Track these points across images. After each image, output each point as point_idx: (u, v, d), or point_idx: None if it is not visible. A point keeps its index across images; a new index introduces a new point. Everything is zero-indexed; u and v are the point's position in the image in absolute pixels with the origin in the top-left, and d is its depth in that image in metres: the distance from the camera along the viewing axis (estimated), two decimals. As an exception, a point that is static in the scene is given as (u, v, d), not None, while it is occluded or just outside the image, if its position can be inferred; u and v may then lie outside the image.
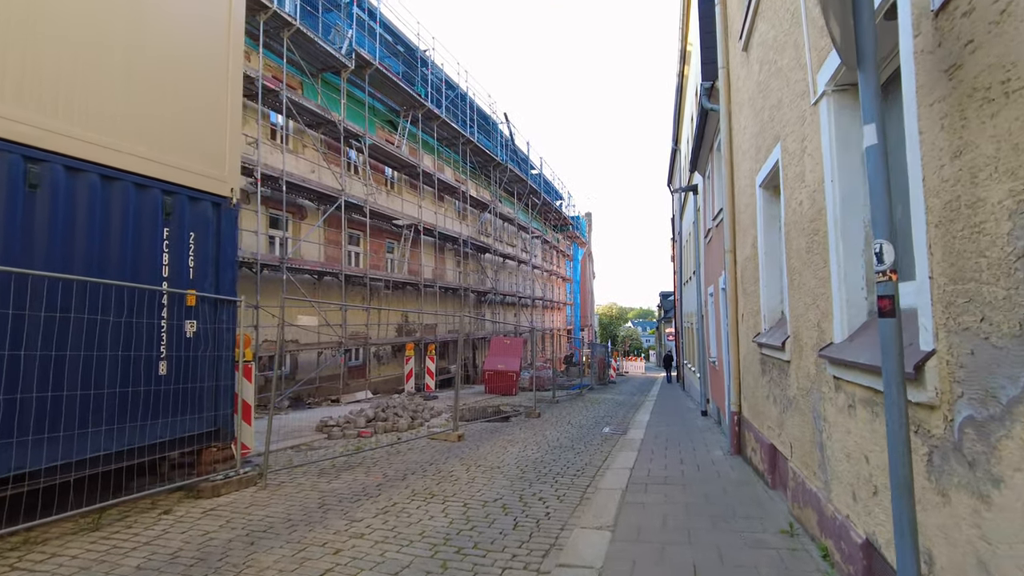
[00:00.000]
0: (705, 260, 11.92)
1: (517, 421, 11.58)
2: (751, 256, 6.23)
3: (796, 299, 4.21)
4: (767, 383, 5.45)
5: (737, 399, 7.14)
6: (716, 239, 9.59)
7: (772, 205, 5.63)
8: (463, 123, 22.45)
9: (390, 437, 9.31)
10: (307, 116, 14.82)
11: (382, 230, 18.54)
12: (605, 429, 10.52)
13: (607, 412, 13.60)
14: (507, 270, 29.68)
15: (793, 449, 4.43)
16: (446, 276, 22.38)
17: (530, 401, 14.97)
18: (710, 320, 11.23)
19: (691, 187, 12.35)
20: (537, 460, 7.32)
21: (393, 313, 18.78)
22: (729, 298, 7.31)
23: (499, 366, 18.21)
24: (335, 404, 14.33)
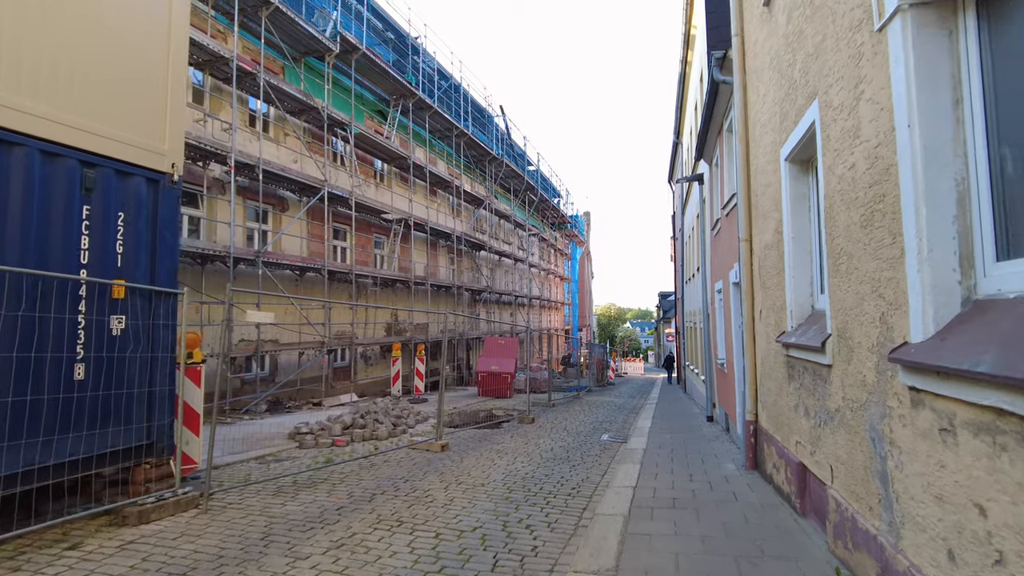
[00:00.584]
0: (711, 254, 11.10)
1: (509, 427, 10.74)
2: (772, 243, 5.41)
3: (843, 289, 3.38)
4: (795, 391, 4.62)
5: (753, 407, 6.32)
6: (726, 229, 8.77)
7: (801, 181, 4.81)
8: (457, 115, 21.62)
9: (367, 446, 8.47)
10: (288, 102, 13.98)
11: (370, 224, 17.70)
12: (604, 437, 9.69)
13: (606, 417, 12.77)
14: (503, 268, 28.85)
15: (835, 473, 3.60)
16: (439, 274, 21.55)
17: (524, 405, 14.15)
18: (717, 319, 10.41)
19: (696, 176, 11.54)
20: (527, 475, 6.48)
21: (381, 312, 17.94)
22: (744, 293, 6.48)
23: (493, 367, 17.38)
24: (317, 408, 13.48)
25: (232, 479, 6.30)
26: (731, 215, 8.10)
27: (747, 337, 6.42)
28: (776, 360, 5.30)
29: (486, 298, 25.45)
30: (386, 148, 17.25)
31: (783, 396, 5.07)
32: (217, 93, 12.65)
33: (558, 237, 42.36)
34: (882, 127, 2.72)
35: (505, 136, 26.94)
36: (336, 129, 15.59)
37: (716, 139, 9.65)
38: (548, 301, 36.47)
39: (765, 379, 5.85)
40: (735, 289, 8.07)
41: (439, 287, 20.90)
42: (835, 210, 3.49)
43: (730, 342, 8.57)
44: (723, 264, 9.18)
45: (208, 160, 11.63)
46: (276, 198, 14.17)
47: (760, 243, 5.97)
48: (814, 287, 4.70)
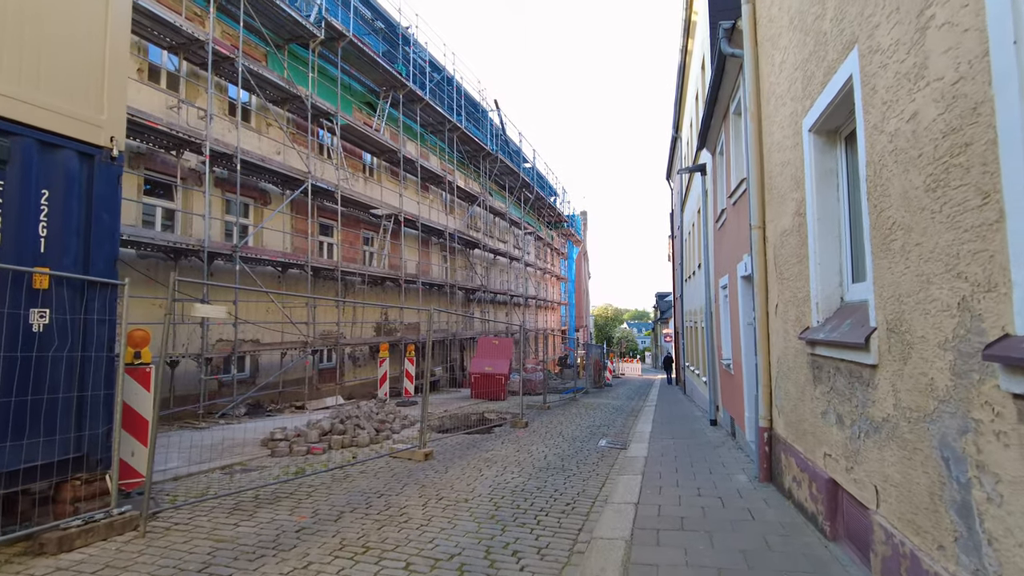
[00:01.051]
0: (715, 249, 10.49)
1: (501, 432, 10.10)
2: (792, 229, 4.79)
3: (897, 271, 2.76)
4: (823, 395, 3.99)
5: (767, 413, 5.69)
6: (733, 220, 8.15)
7: (827, 154, 4.19)
8: (450, 109, 20.99)
9: (345, 455, 7.82)
10: (271, 90, 13.32)
11: (359, 220, 17.04)
12: (602, 442, 9.06)
13: (603, 420, 12.14)
14: (498, 267, 28.22)
15: (882, 496, 2.98)
16: (431, 272, 20.90)
17: (519, 407, 13.50)
18: (722, 317, 9.79)
19: (698, 167, 10.93)
20: (517, 488, 5.84)
21: (370, 311, 17.28)
22: (756, 287, 5.86)
23: (486, 368, 16.73)
24: (299, 412, 12.81)
25: (189, 493, 5.64)
26: (739, 203, 7.49)
27: (760, 335, 5.80)
28: (797, 360, 4.68)
29: (481, 297, 24.82)
30: (375, 141, 16.60)
31: (806, 401, 4.44)
32: (194, 79, 11.99)
33: (554, 236, 41.76)
34: (965, 55, 2.10)
35: (500, 132, 26.31)
36: (322, 120, 14.93)
37: (721, 124, 9.04)
38: (544, 301, 35.85)
39: (782, 381, 5.22)
40: (744, 283, 7.45)
41: (431, 285, 20.25)
42: (885, 176, 2.86)
43: (737, 341, 7.96)
44: (729, 258, 8.56)
45: (182, 149, 10.97)
46: (258, 191, 13.50)
47: (776, 230, 5.35)
48: (844, 276, 4.08)
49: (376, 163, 18.35)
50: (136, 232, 9.73)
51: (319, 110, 14.31)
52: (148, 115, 9.71)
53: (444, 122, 20.37)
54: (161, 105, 11.11)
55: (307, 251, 13.87)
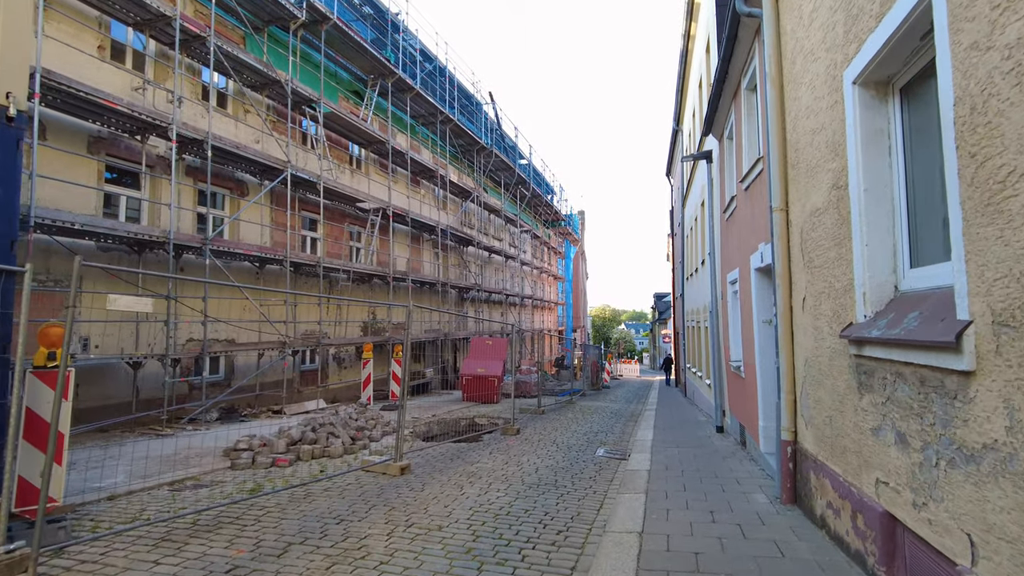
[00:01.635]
0: (723, 241, 9.71)
1: (490, 440, 9.31)
2: (826, 206, 4.01)
3: (1014, 241, 1.98)
4: (875, 406, 3.21)
5: (791, 423, 4.91)
6: (745, 207, 7.37)
7: (877, 111, 3.42)
8: (442, 100, 20.20)
9: (314, 468, 7.02)
10: (248, 74, 12.52)
11: (344, 214, 16.23)
12: (600, 452, 8.28)
13: (601, 425, 11.36)
14: (493, 265, 27.43)
15: (981, 551, 2.19)
16: (422, 269, 20.11)
17: (513, 412, 12.71)
18: (730, 315, 9.02)
19: (703, 154, 10.15)
20: (502, 511, 5.05)
21: (357, 309, 16.47)
22: (778, 278, 5.08)
23: (479, 370, 15.96)
24: (277, 416, 12.00)
25: (119, 518, 4.84)
26: (753, 187, 6.71)
27: (782, 334, 5.01)
28: (834, 363, 3.90)
29: (475, 296, 24.03)
30: (362, 131, 15.79)
31: (847, 413, 3.66)
32: (164, 60, 11.17)
33: (551, 235, 41.00)
34: None
35: (495, 126, 25.52)
36: (304, 108, 14.13)
37: (731, 104, 8.27)
38: (541, 301, 35.08)
39: (813, 387, 4.44)
40: (759, 277, 6.67)
41: (422, 283, 19.45)
42: (992, 111, 2.08)
43: (750, 342, 7.18)
44: (740, 250, 7.79)
45: (147, 133, 10.15)
46: (234, 181, 12.69)
47: (804, 210, 4.57)
48: (899, 259, 3.30)
49: (364, 155, 17.55)
50: (93, 221, 8.91)
51: (301, 96, 13.51)
52: (108, 95, 8.90)
53: (436, 113, 19.57)
54: (125, 86, 10.30)
55: (288, 246, 13.05)
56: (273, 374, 13.12)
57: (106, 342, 9.89)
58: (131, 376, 10.04)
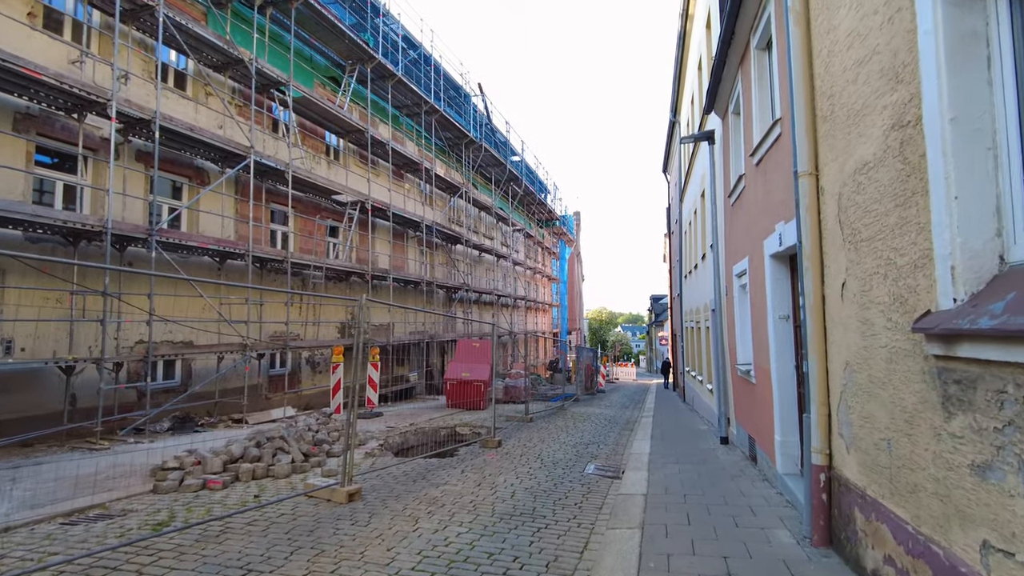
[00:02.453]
0: (728, 229, 8.70)
1: (467, 454, 8.25)
2: (885, 154, 2.98)
3: None
4: (982, 434, 2.18)
5: (824, 444, 3.88)
6: (757, 185, 6.35)
7: (968, 8, 2.40)
8: (427, 90, 19.16)
9: (251, 490, 5.95)
10: (208, 52, 11.47)
11: (320, 207, 15.16)
12: (589, 468, 7.23)
13: (593, 435, 10.30)
14: (484, 265, 26.38)
15: None
16: (406, 268, 19.04)
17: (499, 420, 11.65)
18: (736, 313, 7.99)
19: (705, 134, 9.14)
20: (459, 555, 3.99)
21: (334, 309, 15.40)
22: (807, 260, 4.05)
23: (464, 374, 14.90)
24: (237, 426, 10.91)
25: (-32, 566, 3.76)
26: (768, 159, 5.69)
27: (813, 330, 3.98)
28: (897, 367, 2.86)
29: (464, 297, 22.95)
30: (338, 118, 14.75)
31: (923, 437, 2.63)
32: (111, 33, 10.10)
33: (545, 235, 40.00)
34: None
35: (485, 120, 24.50)
36: (273, 91, 13.08)
37: (737, 71, 7.26)
38: (535, 302, 34.05)
39: (859, 399, 3.40)
40: (775, 264, 5.65)
41: (406, 282, 18.38)
42: None
43: (762, 342, 6.16)
44: (750, 234, 6.76)
45: (84, 111, 9.08)
46: (193, 169, 11.62)
47: (843, 170, 3.55)
48: (1005, 219, 2.28)
49: (342, 145, 16.49)
50: (15, 208, 7.84)
51: (267, 78, 12.46)
52: (30, 63, 7.83)
53: (420, 103, 18.54)
54: (61, 59, 9.23)
55: (252, 239, 11.98)
56: (238, 379, 12.03)
57: (37, 345, 8.80)
58: (64, 382, 8.94)
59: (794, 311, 5.50)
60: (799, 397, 5.39)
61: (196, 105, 11.73)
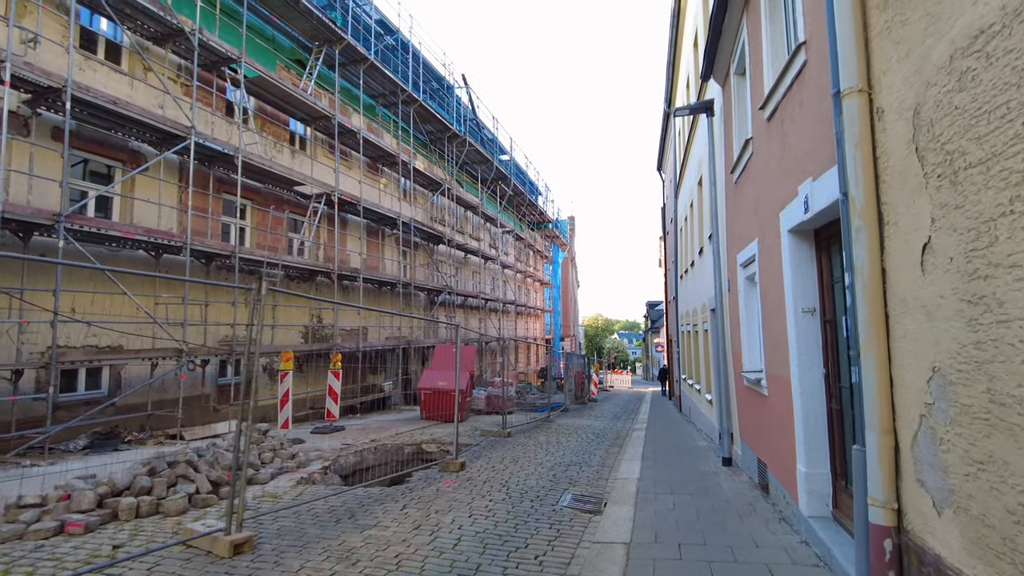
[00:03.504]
0: (731, 212, 7.42)
1: (420, 481, 6.90)
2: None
3: None
4: None
5: (891, 492, 2.57)
6: (770, 145, 5.06)
7: None
8: (405, 78, 17.91)
9: (121, 535, 4.59)
10: (144, 21, 10.18)
11: (282, 200, 13.85)
12: (564, 499, 5.90)
13: (577, 453, 8.97)
14: (470, 267, 25.08)
15: None
16: (383, 268, 17.71)
17: (475, 432, 10.31)
18: (741, 309, 6.69)
19: (702, 104, 7.88)
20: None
21: (297, 312, 14.05)
22: (859, 219, 2.75)
23: (439, 383, 13.55)
24: (171, 442, 9.53)
25: None
26: (785, 106, 4.40)
27: (870, 319, 2.68)
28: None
29: (448, 300, 21.60)
30: (303, 104, 13.47)
31: None
32: (23, -6, 8.82)
33: (537, 238, 38.73)
34: None
35: (470, 115, 23.25)
36: (224, 69, 11.81)
37: (741, 17, 6.01)
38: (526, 307, 32.70)
39: (968, 430, 2.09)
40: (796, 242, 4.35)
41: (381, 283, 17.05)
42: None
43: (779, 342, 4.86)
44: (761, 209, 5.48)
45: (-23, 76, 7.76)
46: (127, 152, 10.30)
47: (929, 63, 2.26)
48: None
49: (309, 134, 15.20)
50: None
51: (216, 53, 11.19)
52: None
53: (397, 92, 17.29)
54: (-46, 17, 7.94)
55: (192, 231, 10.64)
56: (177, 389, 10.67)
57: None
58: (-51, 394, 7.58)
59: (822, 302, 4.21)
60: (831, 415, 4.08)
61: (132, 81, 10.44)
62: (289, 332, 13.75)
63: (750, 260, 6.02)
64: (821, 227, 4.05)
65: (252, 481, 6.52)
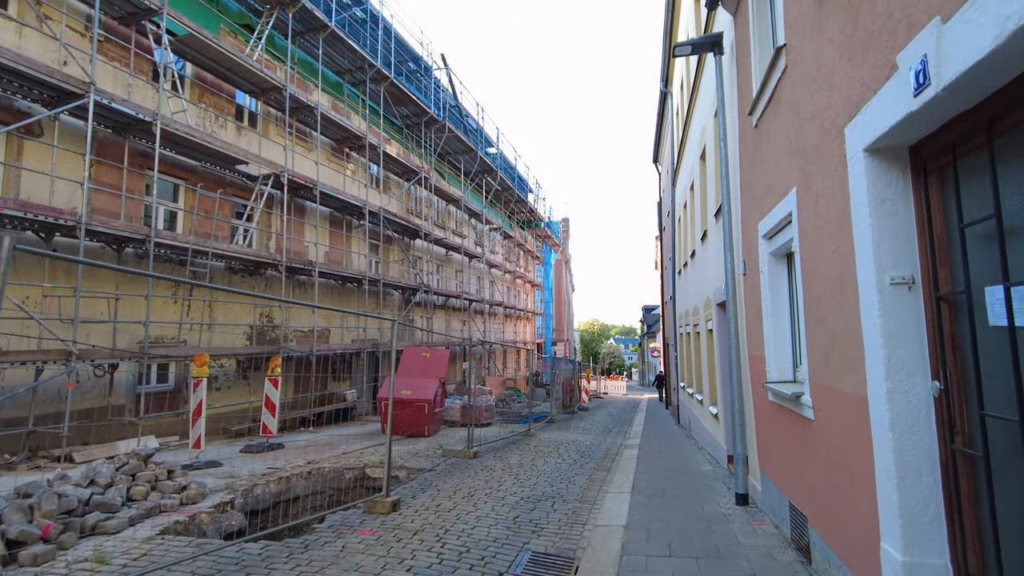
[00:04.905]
0: (750, 173, 5.69)
1: (333, 527, 5.12)
2: None
3: None
4: None
5: None
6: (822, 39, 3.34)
7: None
8: (375, 53, 16.17)
9: None
10: (35, -44, 8.46)
11: (225, 182, 12.08)
12: (519, 565, 4.15)
13: (551, 481, 7.20)
14: (452, 265, 23.34)
15: None
16: (349, 262, 15.93)
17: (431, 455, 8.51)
18: (767, 297, 4.94)
19: (710, 39, 6.17)
20: None
21: (241, 309, 12.27)
22: None
23: (404, 392, 11.79)
24: (58, 465, 7.72)
25: None
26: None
27: None
28: None
29: (427, 300, 19.81)
30: (248, 72, 11.73)
31: None
32: None
33: (528, 237, 37.02)
34: None
35: (451, 99, 21.54)
36: (146, 24, 10.07)
37: None
38: (515, 309, 30.94)
39: None
40: (880, 175, 2.62)
41: (345, 280, 15.29)
42: None
43: (836, 335, 3.13)
44: (807, 142, 3.74)
45: None
46: (10, 113, 8.54)
47: None
48: None
49: (261, 109, 13.45)
50: None
51: (134, 3, 9.46)
52: None
53: (364, 68, 15.57)
54: None
55: (113, 211, 8.87)
56: (85, 399, 8.89)
57: None
58: None
59: (929, 267, 2.48)
60: (952, 464, 2.34)
61: (21, 29, 8.69)
62: (231, 332, 11.96)
63: (781, 225, 4.29)
64: (936, 133, 2.33)
65: (96, 530, 4.74)
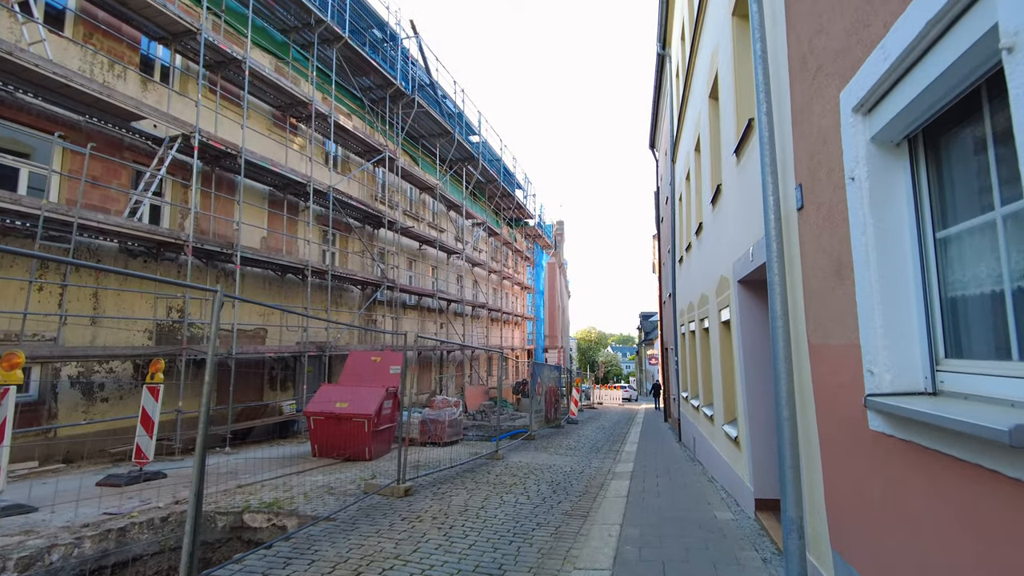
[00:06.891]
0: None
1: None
2: None
3: None
4: None
5: None
6: None
7: None
8: (325, 8, 13.92)
9: None
10: None
11: (122, 144, 9.77)
12: None
13: (497, 542, 4.85)
14: (427, 261, 21.03)
15: None
16: (297, 251, 13.60)
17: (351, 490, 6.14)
18: (869, 234, 2.62)
19: None
20: None
21: (141, 301, 9.92)
22: None
23: (336, 405, 9.44)
24: None
25: None
26: None
27: None
28: None
29: (394, 299, 17.44)
30: (155, 11, 9.47)
31: None
32: None
33: (517, 236, 34.73)
34: None
35: (422, 73, 19.29)
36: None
37: None
38: (502, 312, 28.57)
39: None
40: None
41: (285, 270, 12.97)
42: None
43: None
44: None
45: None
46: None
47: None
48: None
49: (181, 63, 11.15)
50: None
51: None
52: None
53: (311, 24, 13.33)
54: None
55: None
56: None
57: None
58: None
59: None
60: None
61: None
62: (126, 329, 9.59)
63: (902, 68, 1.97)
64: None
65: None
